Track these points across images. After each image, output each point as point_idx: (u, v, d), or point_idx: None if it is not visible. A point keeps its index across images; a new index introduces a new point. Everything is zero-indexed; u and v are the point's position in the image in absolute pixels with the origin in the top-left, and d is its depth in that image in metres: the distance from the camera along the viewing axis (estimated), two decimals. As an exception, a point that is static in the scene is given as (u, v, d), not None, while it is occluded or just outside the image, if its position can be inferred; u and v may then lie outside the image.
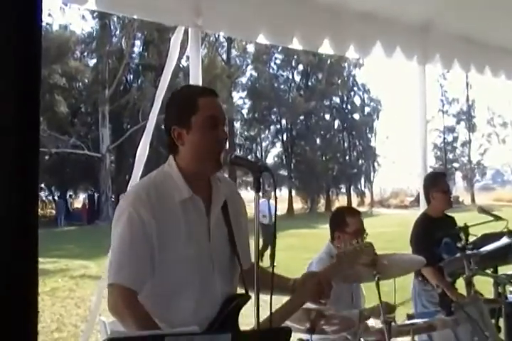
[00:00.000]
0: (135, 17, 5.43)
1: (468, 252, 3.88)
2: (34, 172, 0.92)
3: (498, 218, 4.53)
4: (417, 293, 5.08)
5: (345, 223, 4.15)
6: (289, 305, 2.58)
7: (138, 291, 2.25)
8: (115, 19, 37.21)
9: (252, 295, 2.30)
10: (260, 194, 2.17)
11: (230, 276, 2.46)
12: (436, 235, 4.84)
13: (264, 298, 2.18)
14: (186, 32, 4.63)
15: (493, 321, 4.01)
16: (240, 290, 2.55)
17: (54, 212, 41.77)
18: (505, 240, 4.08)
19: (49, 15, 37.00)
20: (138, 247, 2.29)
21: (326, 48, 5.53)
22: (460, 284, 4.53)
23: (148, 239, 2.28)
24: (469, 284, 3.83)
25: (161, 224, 2.31)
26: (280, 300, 2.56)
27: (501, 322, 4.23)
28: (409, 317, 3.81)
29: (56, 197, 43.06)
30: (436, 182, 5.14)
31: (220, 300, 2.40)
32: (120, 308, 2.24)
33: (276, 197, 2.73)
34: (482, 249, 4.01)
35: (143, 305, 2.24)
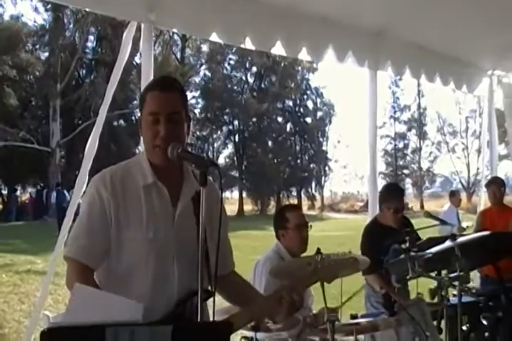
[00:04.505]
0: (87, 10, 5.36)
1: (413, 254, 3.94)
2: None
3: (443, 222, 4.61)
4: (367, 295, 5.17)
5: (286, 219, 4.18)
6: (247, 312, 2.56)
7: (93, 267, 2.38)
8: (68, 13, 36.54)
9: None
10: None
11: (194, 271, 2.23)
12: (383, 243, 4.90)
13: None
14: (140, 28, 4.59)
15: (435, 322, 4.08)
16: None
17: (1, 206, 40.79)
18: (448, 243, 4.15)
19: (-1, 5, 36.26)
20: (94, 224, 2.39)
21: (278, 49, 5.56)
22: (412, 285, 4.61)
23: (105, 217, 2.38)
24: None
25: (120, 204, 2.39)
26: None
27: (443, 324, 4.31)
28: (353, 317, 3.84)
29: (3, 191, 42.03)
30: (389, 199, 5.16)
31: (176, 292, 2.40)
32: (72, 282, 2.29)
33: (222, 192, 2.62)
34: (426, 252, 4.08)
35: (95, 281, 2.35)
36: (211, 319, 2.25)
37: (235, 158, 49.90)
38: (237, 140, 50.00)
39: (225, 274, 2.65)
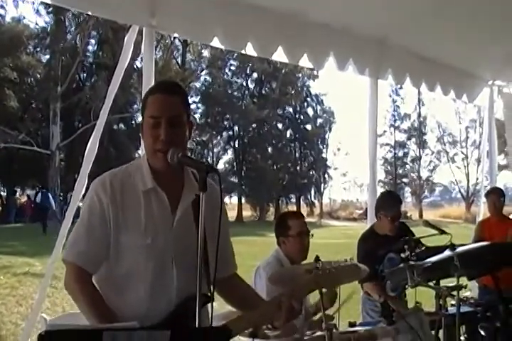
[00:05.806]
0: (89, 13, 5.37)
1: (411, 263, 3.93)
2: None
3: (442, 232, 4.60)
4: (363, 302, 5.18)
5: (288, 226, 4.16)
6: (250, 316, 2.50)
7: (91, 272, 2.39)
8: (70, 16, 36.50)
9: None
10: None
11: (194, 276, 2.16)
12: (379, 252, 4.91)
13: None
14: (141, 33, 4.59)
15: (433, 332, 4.06)
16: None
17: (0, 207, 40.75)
18: (447, 253, 4.14)
19: (1, 7, 36.25)
20: (93, 228, 2.39)
21: (279, 56, 5.56)
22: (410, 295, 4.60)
23: (104, 221, 2.38)
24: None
25: (119, 209, 2.39)
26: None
27: (441, 334, 4.29)
28: (351, 324, 3.82)
29: (2, 193, 42.01)
30: (386, 207, 5.15)
31: (175, 297, 2.40)
32: (71, 284, 2.38)
33: (222, 198, 2.60)
34: (425, 261, 4.07)
35: (93, 285, 2.38)
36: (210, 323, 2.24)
37: (235, 164, 49.91)
38: (236, 146, 50.02)
39: (226, 277, 2.63)
